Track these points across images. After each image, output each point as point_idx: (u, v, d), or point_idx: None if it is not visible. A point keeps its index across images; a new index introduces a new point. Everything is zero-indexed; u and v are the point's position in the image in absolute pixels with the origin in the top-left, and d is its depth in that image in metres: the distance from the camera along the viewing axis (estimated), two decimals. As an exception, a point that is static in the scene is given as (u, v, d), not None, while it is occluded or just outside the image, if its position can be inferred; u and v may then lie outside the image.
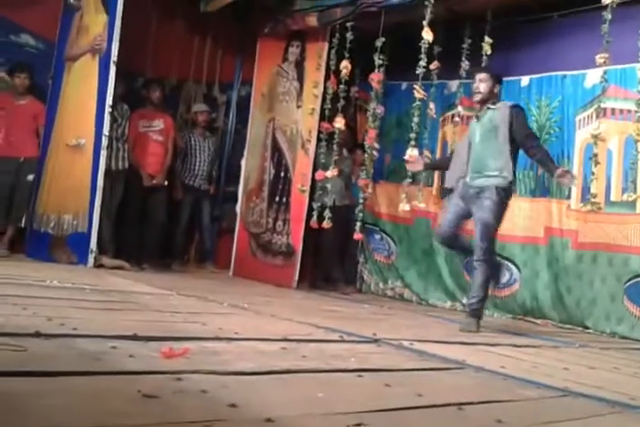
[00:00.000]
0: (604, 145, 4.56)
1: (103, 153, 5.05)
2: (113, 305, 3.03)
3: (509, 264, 5.08)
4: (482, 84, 3.91)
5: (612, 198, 4.60)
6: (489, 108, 3.91)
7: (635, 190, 4.25)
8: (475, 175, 3.90)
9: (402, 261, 6.00)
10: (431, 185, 5.77)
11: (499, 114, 3.84)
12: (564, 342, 3.76)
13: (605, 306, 4.54)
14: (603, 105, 4.27)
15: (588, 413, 1.87)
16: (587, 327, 4.60)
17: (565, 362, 2.86)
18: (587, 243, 4.68)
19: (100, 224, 5.05)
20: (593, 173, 4.24)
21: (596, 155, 4.20)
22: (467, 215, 3.96)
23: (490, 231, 3.81)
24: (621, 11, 4.05)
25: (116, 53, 5.02)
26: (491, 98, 3.93)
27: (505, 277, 5.10)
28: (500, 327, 4.26)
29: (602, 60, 4.03)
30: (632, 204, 4.43)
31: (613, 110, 4.65)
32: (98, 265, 5.01)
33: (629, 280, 4.46)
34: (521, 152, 3.93)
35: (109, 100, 5.05)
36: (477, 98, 3.95)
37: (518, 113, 3.85)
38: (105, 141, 5.05)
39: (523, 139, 3.79)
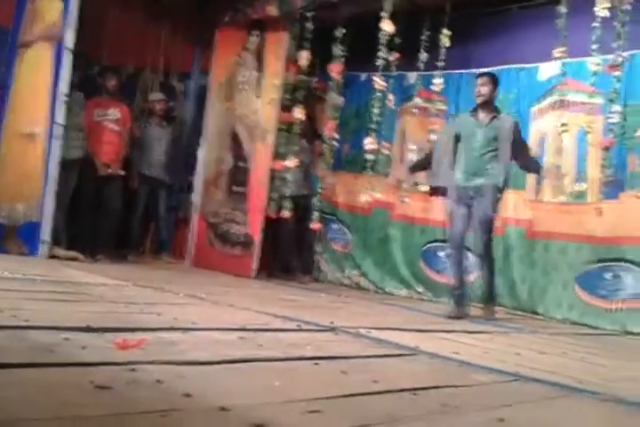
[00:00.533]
0: (558, 136, 4.67)
1: (57, 142, 4.95)
2: (66, 296, 2.97)
3: (468, 253, 5.17)
4: (483, 87, 4.18)
5: (566, 189, 4.71)
6: (494, 117, 4.16)
7: (586, 181, 4.38)
8: (472, 176, 4.16)
9: (358, 250, 6.05)
10: (387, 176, 5.83)
11: (503, 124, 4.14)
12: (516, 329, 3.86)
13: (557, 293, 4.66)
14: (558, 97, 4.38)
15: (538, 397, 1.92)
16: (537, 313, 4.72)
17: (517, 347, 2.94)
18: (540, 232, 4.79)
19: (53, 214, 4.95)
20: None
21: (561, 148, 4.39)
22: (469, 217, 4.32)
23: (490, 227, 4.17)
24: (576, 5, 4.14)
25: (72, 41, 4.91)
26: (492, 99, 4.21)
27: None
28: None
29: (559, 55, 4.13)
30: (584, 194, 4.55)
31: (567, 102, 4.76)
32: (51, 256, 4.92)
33: (580, 268, 4.60)
34: None
35: (64, 89, 4.94)
36: (480, 100, 4.21)
37: (519, 128, 4.25)
38: (59, 130, 4.95)
39: (521, 149, 4.15)
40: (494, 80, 4.25)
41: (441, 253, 5.46)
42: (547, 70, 4.81)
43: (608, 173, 4.08)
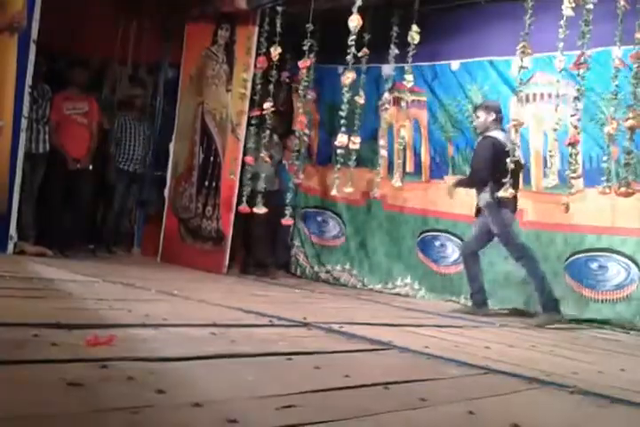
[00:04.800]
0: (539, 127, 4.69)
1: (23, 135, 4.86)
2: (35, 293, 2.93)
3: (460, 242, 5.16)
4: (477, 120, 4.52)
5: (546, 181, 4.72)
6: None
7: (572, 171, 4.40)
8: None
9: (351, 241, 6.02)
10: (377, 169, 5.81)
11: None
12: (486, 322, 3.90)
13: None
14: (528, 92, 4.42)
15: (506, 389, 1.96)
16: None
17: (486, 341, 2.98)
18: (531, 222, 4.82)
19: (19, 209, 4.87)
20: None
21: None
22: None
23: (503, 238, 4.39)
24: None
25: (37, 32, 4.82)
26: (487, 129, 4.45)
27: (454, 255, 5.27)
28: (424, 309, 4.40)
29: (521, 50, 4.16)
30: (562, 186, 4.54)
31: (543, 95, 4.80)
32: (18, 252, 4.83)
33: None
34: None
35: (29, 81, 4.84)
36: (478, 131, 4.59)
37: (480, 143, 4.47)
38: (24, 123, 4.86)
39: None
40: (487, 108, 4.47)
41: (437, 243, 5.48)
42: (518, 64, 4.83)
43: (573, 169, 4.11)
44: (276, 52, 5.33)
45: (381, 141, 5.69)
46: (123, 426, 1.21)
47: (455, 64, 5.37)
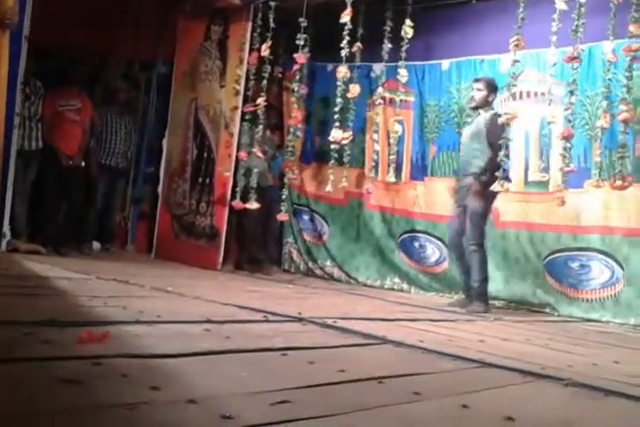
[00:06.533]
0: (520, 126, 4.71)
1: (15, 132, 4.84)
2: (28, 290, 2.92)
3: (440, 243, 5.24)
4: (478, 92, 4.28)
5: (530, 178, 4.76)
6: (479, 114, 4.28)
7: (549, 171, 4.44)
8: (463, 176, 4.31)
9: (334, 240, 6.04)
10: (362, 167, 5.81)
11: (480, 119, 4.23)
12: (480, 317, 3.92)
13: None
14: (517, 88, 4.42)
15: (501, 382, 1.96)
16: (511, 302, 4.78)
17: (480, 335, 2.99)
18: (507, 222, 4.85)
19: (12, 206, 4.85)
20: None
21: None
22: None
23: (475, 218, 4.16)
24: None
25: (28, 28, 4.79)
26: (485, 105, 4.28)
27: (435, 256, 5.29)
28: (418, 303, 4.40)
29: (515, 43, 4.16)
30: (547, 183, 4.60)
31: (529, 93, 4.81)
32: (11, 249, 4.81)
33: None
34: None
35: (21, 78, 4.82)
36: (472, 104, 4.37)
37: (494, 122, 4.13)
38: (16, 120, 4.84)
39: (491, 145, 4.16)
40: (490, 85, 4.33)
41: (416, 244, 5.50)
42: (507, 62, 4.85)
43: (567, 163, 4.13)
44: (266, 46, 5.33)
45: (375, 136, 5.70)
46: (118, 423, 1.21)
47: (445, 64, 5.38)
